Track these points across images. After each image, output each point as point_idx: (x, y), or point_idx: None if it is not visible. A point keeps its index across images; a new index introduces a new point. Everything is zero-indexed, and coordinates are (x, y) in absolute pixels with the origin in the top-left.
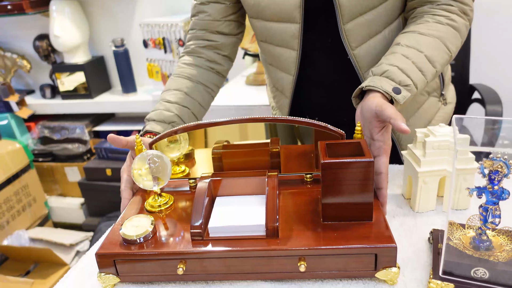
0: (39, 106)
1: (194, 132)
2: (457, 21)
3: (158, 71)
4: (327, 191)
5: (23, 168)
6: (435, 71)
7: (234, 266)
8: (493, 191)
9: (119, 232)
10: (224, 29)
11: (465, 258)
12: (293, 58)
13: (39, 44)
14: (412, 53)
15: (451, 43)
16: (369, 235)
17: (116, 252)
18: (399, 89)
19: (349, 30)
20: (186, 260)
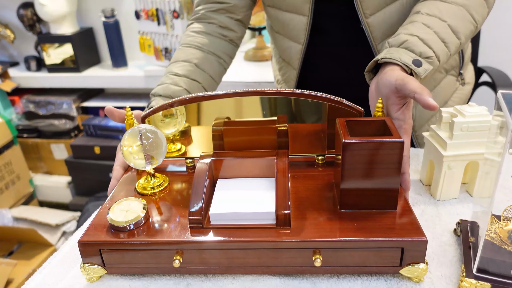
0: (23, 79)
1: (191, 107)
2: None
3: (151, 44)
4: (347, 175)
5: (6, 144)
6: (459, 43)
7: (237, 258)
8: None
9: (106, 217)
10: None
11: (504, 255)
12: (303, 24)
13: (24, 13)
14: (433, 22)
15: (476, 12)
16: (394, 226)
17: (102, 240)
18: (420, 62)
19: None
20: (183, 251)
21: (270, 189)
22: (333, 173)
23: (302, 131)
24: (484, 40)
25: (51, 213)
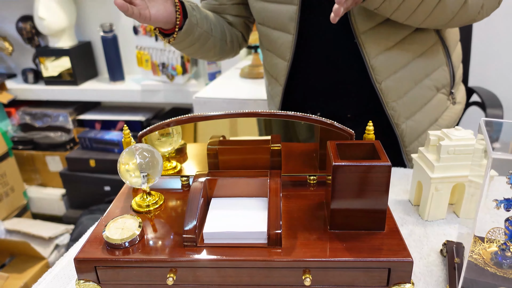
0: (20, 91)
1: (186, 126)
2: None
3: (148, 59)
4: (337, 196)
5: (1, 155)
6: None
7: (230, 277)
8: None
9: (101, 234)
10: (231, 11)
11: (487, 276)
12: (288, 42)
13: (23, 26)
14: None
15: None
16: (382, 247)
17: (97, 257)
18: None
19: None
20: (177, 269)
21: (263, 209)
22: (324, 193)
23: (295, 150)
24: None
25: (44, 225)
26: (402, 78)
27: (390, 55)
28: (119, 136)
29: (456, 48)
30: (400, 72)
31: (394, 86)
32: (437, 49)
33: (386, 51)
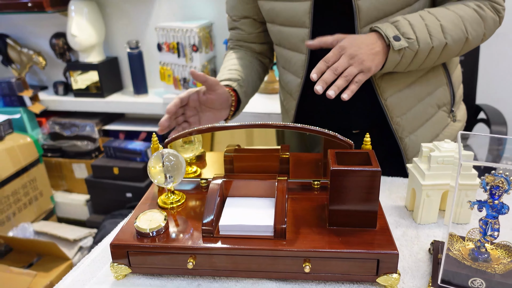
0: (51, 102)
1: (206, 135)
2: (485, 11)
3: (170, 74)
4: (335, 198)
5: (32, 162)
6: (444, 42)
7: (241, 263)
8: (493, 205)
9: (133, 225)
10: (257, 40)
11: (463, 269)
12: (301, 61)
13: (56, 42)
14: (429, 17)
15: (471, 26)
16: (373, 242)
17: (129, 243)
18: (399, 38)
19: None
20: (196, 255)
21: (271, 207)
22: (326, 196)
23: (304, 159)
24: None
25: (69, 228)
26: (406, 95)
27: (395, 75)
28: (142, 145)
29: (456, 70)
30: (404, 90)
31: (399, 103)
32: (438, 71)
33: (392, 72)
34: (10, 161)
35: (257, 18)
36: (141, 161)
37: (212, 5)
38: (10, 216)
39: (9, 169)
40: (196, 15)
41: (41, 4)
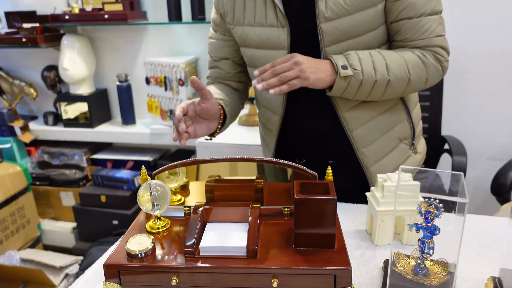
0: (41, 132)
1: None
2: (427, 58)
3: (158, 106)
4: (299, 222)
5: (21, 190)
6: (387, 79)
7: (219, 280)
8: (427, 228)
9: (123, 248)
10: (235, 79)
11: (406, 282)
12: (280, 101)
13: (47, 75)
14: (377, 56)
15: (413, 69)
16: (331, 260)
17: (121, 263)
18: (346, 67)
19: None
20: (179, 274)
21: (245, 231)
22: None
23: (277, 188)
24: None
25: (55, 256)
26: (370, 129)
27: (359, 110)
28: (129, 174)
29: (415, 108)
30: (368, 124)
31: (364, 135)
32: (398, 108)
33: (356, 107)
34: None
35: (236, 60)
36: (128, 189)
37: (198, 42)
38: None
39: None
40: (182, 51)
41: (35, 39)
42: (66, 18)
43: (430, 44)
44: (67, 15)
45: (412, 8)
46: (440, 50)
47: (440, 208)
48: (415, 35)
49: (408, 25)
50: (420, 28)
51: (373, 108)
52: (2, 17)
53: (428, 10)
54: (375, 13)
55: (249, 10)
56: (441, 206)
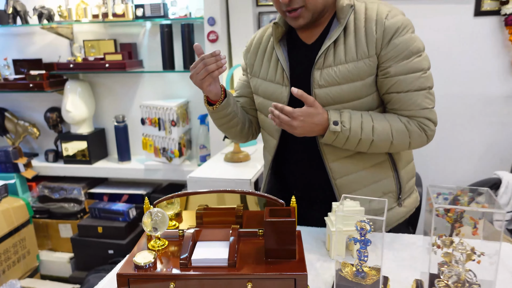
0: (42, 168)
1: (183, 198)
2: (412, 126)
3: (152, 144)
4: (268, 239)
5: (24, 223)
6: (371, 139)
7: (206, 285)
8: (361, 241)
9: (131, 262)
10: (250, 112)
11: (348, 283)
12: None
13: (50, 116)
14: (366, 118)
15: (397, 134)
16: (292, 267)
17: (130, 273)
18: (337, 123)
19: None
20: (176, 280)
21: (227, 247)
22: None
23: (254, 214)
24: None
25: (54, 285)
26: (354, 180)
27: (344, 162)
28: (124, 206)
29: (407, 166)
30: (352, 175)
31: (347, 184)
32: (385, 165)
33: (342, 159)
34: (4, 222)
35: (252, 100)
36: (123, 221)
37: (188, 87)
38: (0, 273)
39: (3, 229)
40: (175, 95)
41: (41, 85)
42: (71, 66)
43: (416, 115)
44: (72, 64)
45: (400, 85)
46: (426, 120)
47: (371, 226)
48: (402, 106)
49: (396, 98)
50: (407, 101)
51: (359, 162)
52: (10, 64)
53: (415, 87)
54: (362, 86)
55: (265, 68)
56: (371, 224)
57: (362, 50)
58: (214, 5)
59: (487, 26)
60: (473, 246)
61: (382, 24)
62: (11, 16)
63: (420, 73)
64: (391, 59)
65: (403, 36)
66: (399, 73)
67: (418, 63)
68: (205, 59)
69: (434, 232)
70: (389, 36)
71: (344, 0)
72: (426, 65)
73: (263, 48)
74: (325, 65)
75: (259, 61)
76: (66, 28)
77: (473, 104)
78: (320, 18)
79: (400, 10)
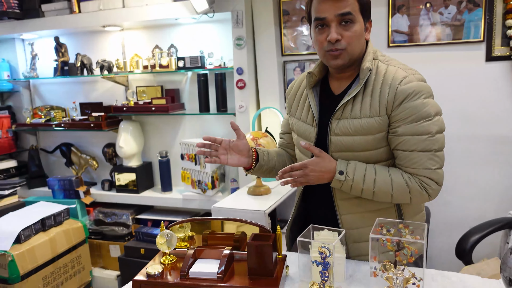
0: (98, 196)
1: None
2: (412, 183)
3: (189, 177)
4: (250, 259)
5: (80, 242)
6: (372, 190)
7: None
8: (322, 263)
9: (145, 271)
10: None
11: None
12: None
13: (106, 150)
14: (370, 171)
15: (397, 189)
16: (267, 283)
17: (142, 280)
18: (343, 172)
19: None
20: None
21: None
22: None
23: None
24: None
25: None
26: (358, 218)
27: (351, 202)
28: None
29: (415, 217)
30: (357, 215)
31: (351, 221)
32: (391, 211)
33: (348, 199)
34: (65, 240)
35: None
36: None
37: (223, 126)
38: (59, 284)
39: (64, 246)
40: (211, 133)
41: (100, 125)
42: (124, 109)
43: (418, 173)
44: (125, 107)
45: (405, 144)
46: (427, 180)
47: (331, 251)
48: (406, 164)
49: (402, 155)
50: (411, 160)
51: (365, 204)
52: (77, 106)
53: (419, 148)
54: (372, 140)
55: (300, 110)
56: (330, 248)
57: (374, 109)
58: (242, 56)
59: (498, 70)
60: (414, 272)
61: (394, 89)
62: (79, 68)
63: (426, 136)
64: (400, 120)
65: (413, 102)
66: (406, 134)
67: (426, 126)
68: (200, 151)
69: (381, 259)
70: (399, 100)
71: (366, 63)
72: (435, 129)
73: (300, 92)
74: (342, 116)
75: (296, 103)
76: (122, 77)
77: (485, 145)
78: (353, 65)
79: (419, 76)
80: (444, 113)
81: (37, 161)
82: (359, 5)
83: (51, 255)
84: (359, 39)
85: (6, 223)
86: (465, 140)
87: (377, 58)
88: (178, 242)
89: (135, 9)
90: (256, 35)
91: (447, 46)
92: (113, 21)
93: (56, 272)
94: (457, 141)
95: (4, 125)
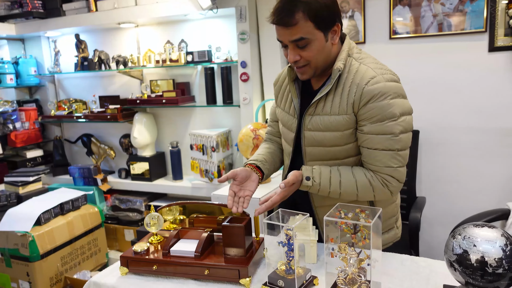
0: (115, 183)
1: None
2: (375, 182)
3: (198, 166)
4: (224, 240)
5: (97, 226)
6: (339, 192)
7: (179, 269)
8: (287, 244)
9: (133, 249)
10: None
11: (278, 277)
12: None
13: (123, 141)
14: (335, 173)
15: (361, 189)
16: (239, 262)
17: (129, 256)
18: (309, 178)
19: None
20: (158, 264)
21: None
22: None
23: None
24: (427, 177)
25: None
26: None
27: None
28: None
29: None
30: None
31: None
32: (362, 202)
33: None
34: (82, 224)
35: None
36: None
37: (231, 117)
38: (76, 264)
39: (81, 229)
40: (219, 124)
41: (116, 116)
42: (138, 102)
43: (380, 171)
44: (138, 100)
45: (369, 142)
46: (389, 177)
47: (295, 232)
48: (369, 161)
49: (366, 152)
50: (373, 158)
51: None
52: (97, 99)
53: (382, 146)
54: (341, 136)
55: (284, 101)
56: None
57: (342, 107)
58: (246, 50)
59: (501, 60)
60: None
61: (361, 89)
62: (97, 63)
63: (389, 136)
64: (366, 119)
65: (379, 102)
66: (371, 132)
67: (390, 126)
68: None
69: (339, 240)
70: (365, 101)
71: (338, 63)
72: (399, 129)
73: (286, 84)
74: (315, 113)
75: (282, 94)
76: (137, 71)
77: (491, 137)
78: (326, 71)
79: (389, 76)
80: (447, 104)
81: (61, 151)
82: (313, 24)
83: (68, 237)
84: (321, 53)
85: (28, 207)
86: (469, 131)
87: (352, 55)
88: (169, 224)
89: (146, 6)
90: (260, 29)
91: (449, 37)
92: (127, 18)
93: (73, 253)
94: (462, 132)
95: (31, 117)
